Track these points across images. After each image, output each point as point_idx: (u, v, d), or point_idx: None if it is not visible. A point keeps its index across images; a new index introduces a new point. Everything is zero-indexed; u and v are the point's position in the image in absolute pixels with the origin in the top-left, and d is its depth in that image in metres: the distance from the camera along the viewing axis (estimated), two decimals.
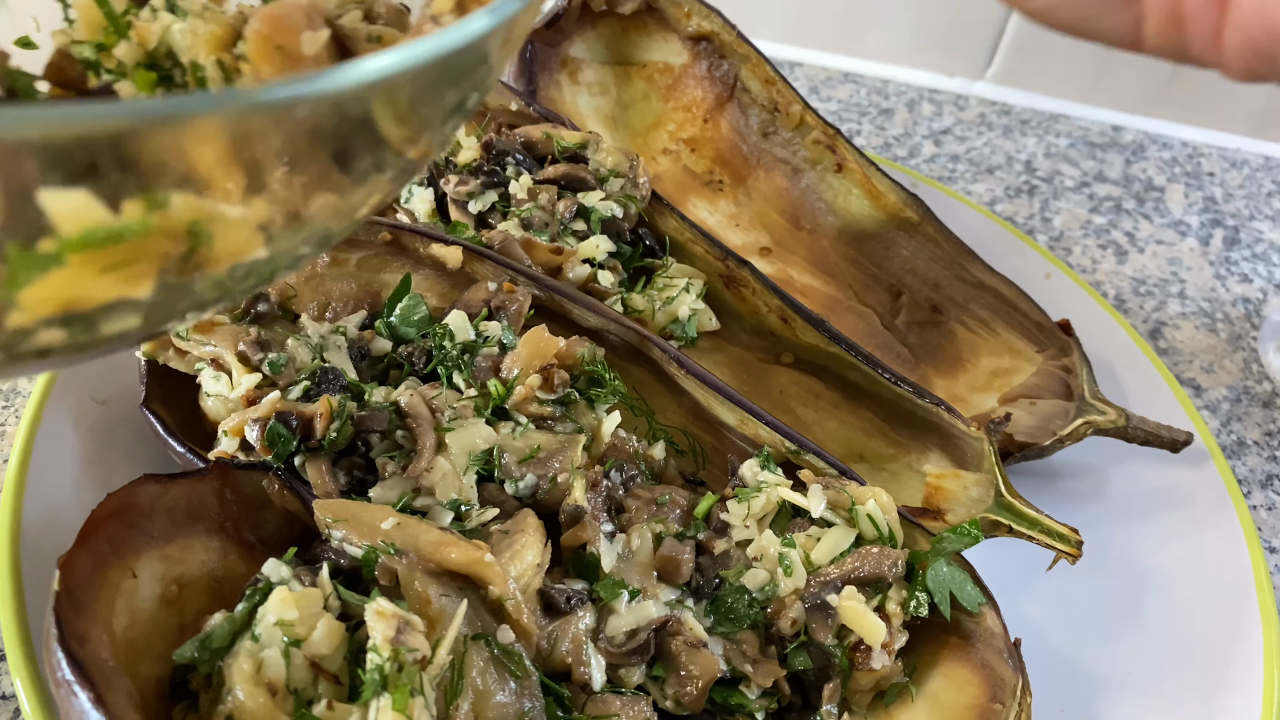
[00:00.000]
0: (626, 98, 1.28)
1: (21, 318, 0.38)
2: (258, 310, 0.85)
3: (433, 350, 0.85)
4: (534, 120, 1.09)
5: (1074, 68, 1.64)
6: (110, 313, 0.41)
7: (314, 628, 0.61)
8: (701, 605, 0.76)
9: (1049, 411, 1.00)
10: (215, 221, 0.40)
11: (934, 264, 1.15)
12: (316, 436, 0.77)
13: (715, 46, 1.25)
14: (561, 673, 0.72)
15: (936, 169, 1.55)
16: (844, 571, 0.73)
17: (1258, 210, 1.55)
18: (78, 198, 0.35)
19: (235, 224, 0.40)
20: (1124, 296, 1.36)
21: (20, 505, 0.79)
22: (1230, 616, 0.87)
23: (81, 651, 0.59)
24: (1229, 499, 0.96)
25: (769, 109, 1.24)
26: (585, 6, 1.22)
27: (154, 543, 0.69)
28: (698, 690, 0.71)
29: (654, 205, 1.08)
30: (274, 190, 0.41)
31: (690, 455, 0.88)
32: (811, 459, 0.83)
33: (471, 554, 0.67)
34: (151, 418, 0.83)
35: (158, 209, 0.37)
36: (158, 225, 0.38)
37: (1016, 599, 0.90)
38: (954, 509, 0.88)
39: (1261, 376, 1.25)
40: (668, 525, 0.79)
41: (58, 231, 0.36)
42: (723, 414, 0.86)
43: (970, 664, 0.73)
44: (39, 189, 0.34)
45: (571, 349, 0.84)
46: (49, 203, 0.35)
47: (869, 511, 0.76)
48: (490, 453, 0.78)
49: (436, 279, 0.91)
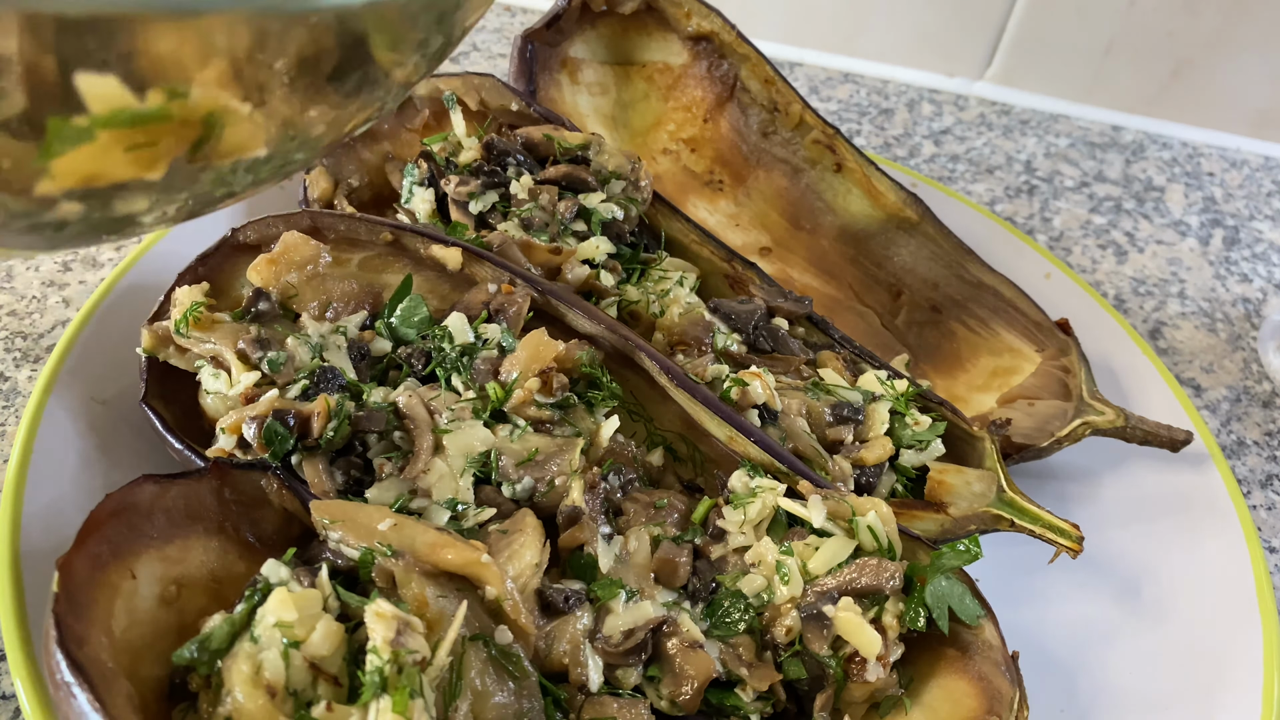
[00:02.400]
0: (626, 98, 1.28)
1: (49, 185, 0.44)
2: (258, 309, 0.85)
3: (432, 352, 0.85)
4: (534, 121, 1.09)
5: (1074, 68, 1.64)
6: (124, 192, 0.47)
7: (313, 629, 0.61)
8: (698, 609, 0.76)
9: (1047, 413, 1.00)
10: (227, 114, 0.46)
11: (934, 264, 1.15)
12: (314, 435, 0.77)
13: (715, 46, 1.25)
14: (559, 673, 0.72)
15: (936, 169, 1.55)
16: (841, 582, 0.73)
17: (1258, 210, 1.55)
18: (108, 82, 0.41)
19: (243, 120, 0.46)
20: (1124, 296, 1.36)
21: (20, 505, 0.79)
22: (1230, 616, 0.87)
23: (80, 653, 0.59)
24: (1229, 499, 0.96)
25: (769, 109, 1.24)
26: (585, 6, 1.22)
27: (153, 543, 0.69)
28: (693, 691, 0.71)
29: (656, 207, 1.08)
30: (278, 93, 0.47)
31: (688, 461, 0.88)
32: (803, 481, 0.82)
33: (469, 555, 0.67)
34: (151, 414, 0.83)
35: (177, 98, 0.43)
36: (177, 112, 0.44)
37: (1015, 600, 0.90)
38: (956, 503, 0.88)
39: (1261, 376, 1.25)
40: (665, 529, 0.79)
41: (89, 110, 0.42)
42: (712, 428, 0.85)
43: (967, 676, 0.73)
44: (76, 71, 0.40)
45: (570, 353, 0.84)
46: (83, 84, 0.41)
47: (869, 523, 0.75)
48: (488, 455, 0.78)
49: (437, 280, 0.91)
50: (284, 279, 0.87)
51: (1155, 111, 1.67)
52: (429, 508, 0.75)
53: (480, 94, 1.11)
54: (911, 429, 0.92)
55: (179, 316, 0.83)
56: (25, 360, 1.05)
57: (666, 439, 0.88)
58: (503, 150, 1.03)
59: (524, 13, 1.77)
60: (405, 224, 0.92)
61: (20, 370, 1.04)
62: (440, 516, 0.75)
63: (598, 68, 1.26)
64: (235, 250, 0.90)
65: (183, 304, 0.84)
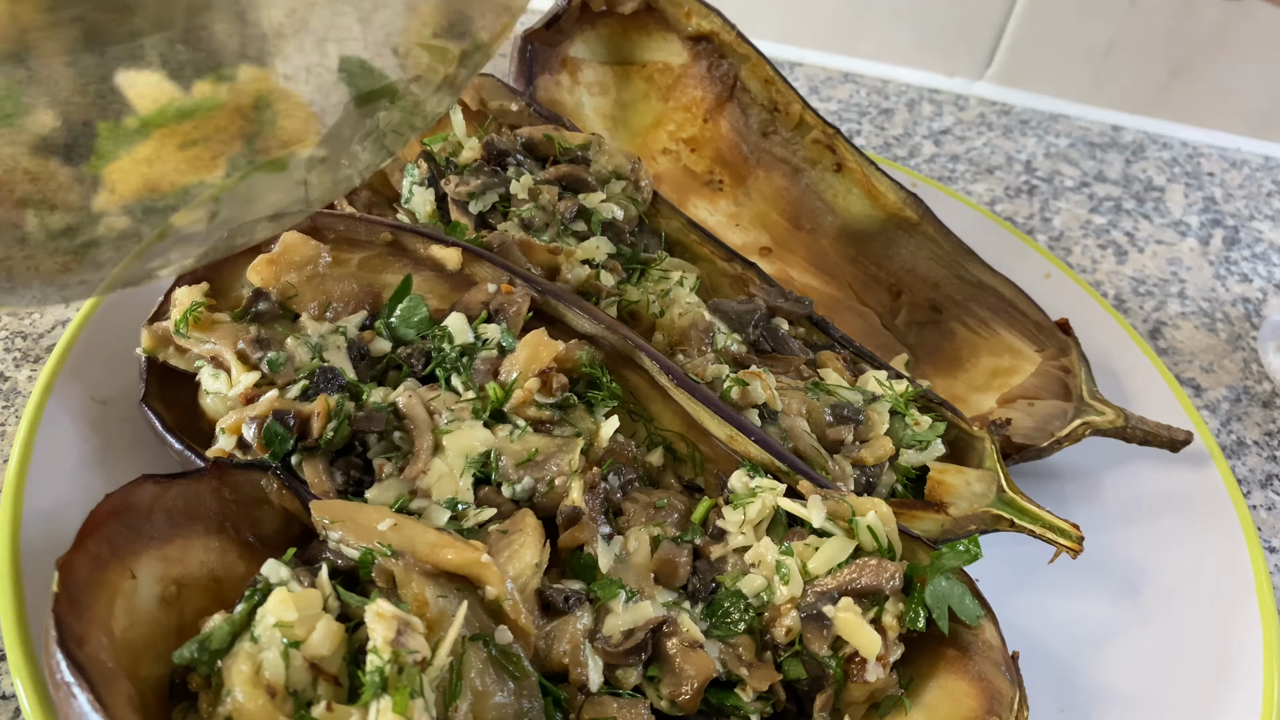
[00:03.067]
0: (626, 98, 1.28)
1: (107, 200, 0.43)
2: (258, 309, 0.85)
3: (432, 352, 0.85)
4: (534, 121, 1.09)
5: (1074, 68, 1.64)
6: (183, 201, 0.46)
7: (313, 629, 0.61)
8: (698, 609, 0.76)
9: (1047, 412, 1.00)
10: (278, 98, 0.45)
11: (934, 264, 1.15)
12: (313, 436, 0.77)
13: (715, 46, 1.25)
14: (559, 673, 0.72)
15: (936, 169, 1.55)
16: (841, 582, 0.73)
17: (1257, 210, 1.55)
18: (149, 78, 0.41)
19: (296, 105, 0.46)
20: (1124, 296, 1.36)
21: (20, 505, 0.79)
22: (1230, 616, 0.87)
23: (80, 653, 0.59)
24: (1229, 499, 0.96)
25: (769, 109, 1.24)
26: (585, 6, 1.22)
27: (153, 543, 0.69)
28: (693, 690, 0.71)
29: (656, 206, 1.08)
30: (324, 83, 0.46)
31: (689, 461, 0.88)
32: (803, 481, 0.82)
33: (469, 555, 0.67)
34: (150, 415, 0.83)
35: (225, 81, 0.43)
36: (227, 99, 0.43)
37: (1016, 600, 0.90)
38: (956, 503, 0.88)
39: (1261, 376, 1.25)
40: (665, 529, 0.79)
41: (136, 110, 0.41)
42: (713, 427, 0.85)
43: (967, 676, 0.73)
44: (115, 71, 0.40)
45: (570, 353, 0.84)
46: (125, 84, 0.40)
47: (869, 523, 0.75)
48: (487, 456, 0.78)
49: (437, 280, 0.91)
50: (284, 279, 0.87)
51: (1155, 111, 1.67)
52: (429, 508, 0.75)
53: (480, 94, 1.11)
54: (912, 429, 0.92)
55: (179, 317, 0.83)
56: (25, 360, 1.05)
57: (666, 439, 0.88)
58: (502, 150, 1.03)
59: (523, 12, 1.77)
60: (404, 224, 0.92)
61: (20, 370, 1.04)
62: (440, 516, 0.75)
63: (598, 68, 1.26)
64: None
65: (182, 304, 0.84)
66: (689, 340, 0.94)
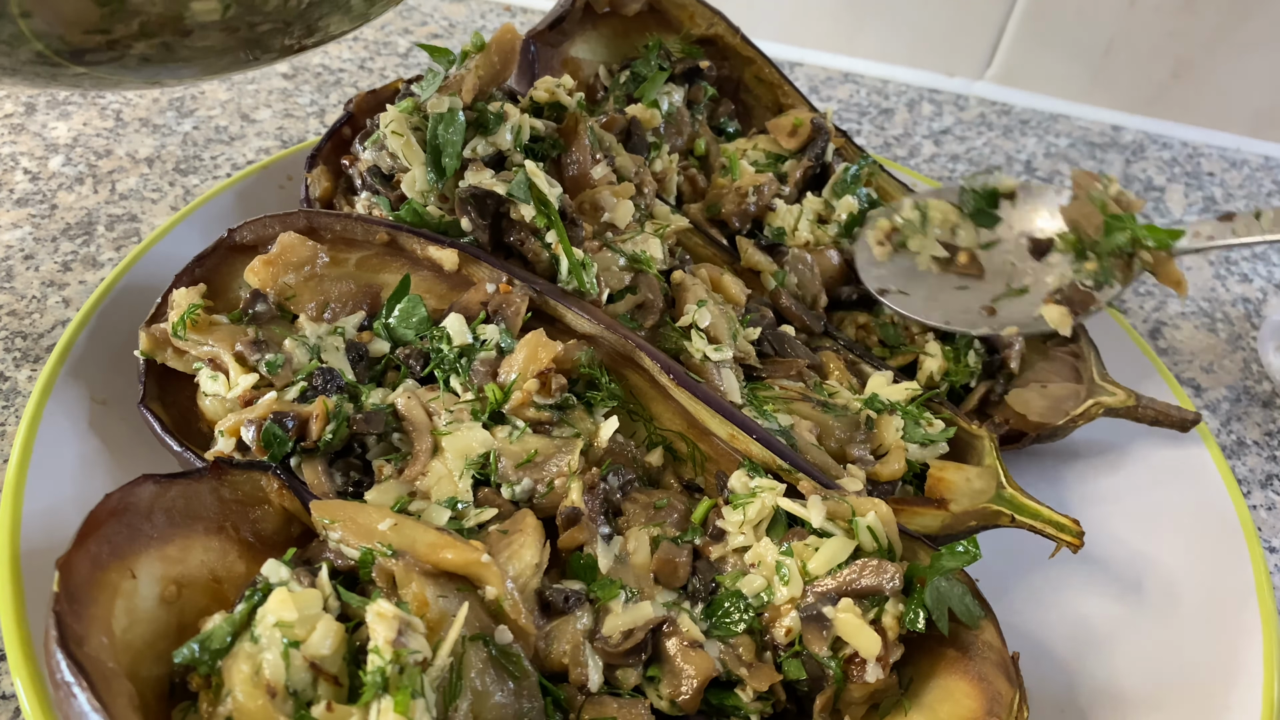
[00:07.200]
0: None
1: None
2: (255, 310, 0.85)
3: (430, 353, 0.85)
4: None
5: (1074, 68, 1.64)
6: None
7: (313, 629, 0.61)
8: (698, 609, 0.76)
9: (1060, 394, 1.00)
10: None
11: None
12: (312, 438, 0.77)
13: (718, 49, 1.25)
14: (559, 673, 0.72)
15: (936, 169, 1.55)
16: (841, 582, 0.73)
17: None
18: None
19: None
20: (1124, 296, 1.35)
21: (20, 505, 0.79)
22: (1230, 616, 0.87)
23: (80, 653, 0.59)
24: (1229, 499, 0.96)
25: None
26: (588, 7, 1.22)
27: (153, 543, 0.69)
28: (693, 690, 0.71)
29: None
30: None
31: (688, 461, 0.87)
32: (804, 478, 0.82)
33: (468, 555, 0.67)
34: (149, 417, 0.83)
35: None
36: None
37: (1015, 600, 0.90)
38: (957, 499, 0.88)
39: (1261, 376, 1.25)
40: (665, 529, 0.79)
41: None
42: (714, 426, 0.85)
43: (967, 677, 0.73)
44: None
45: (569, 353, 0.84)
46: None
47: (869, 524, 0.75)
48: (487, 457, 0.78)
49: (435, 280, 0.91)
50: (281, 280, 0.86)
51: (1155, 111, 1.67)
52: (429, 508, 0.75)
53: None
54: (925, 430, 0.92)
55: (176, 319, 0.83)
56: (25, 360, 1.05)
57: (666, 439, 0.88)
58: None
59: (524, 13, 1.77)
60: (402, 224, 0.92)
61: (20, 370, 1.04)
62: (440, 516, 0.75)
63: (599, 68, 1.26)
64: (232, 251, 0.90)
65: (180, 306, 0.84)
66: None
